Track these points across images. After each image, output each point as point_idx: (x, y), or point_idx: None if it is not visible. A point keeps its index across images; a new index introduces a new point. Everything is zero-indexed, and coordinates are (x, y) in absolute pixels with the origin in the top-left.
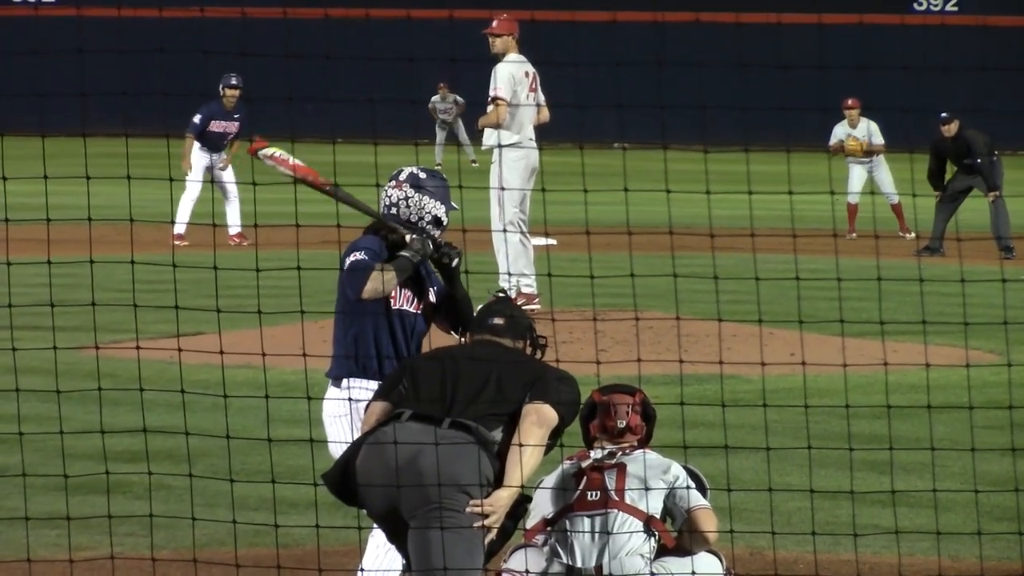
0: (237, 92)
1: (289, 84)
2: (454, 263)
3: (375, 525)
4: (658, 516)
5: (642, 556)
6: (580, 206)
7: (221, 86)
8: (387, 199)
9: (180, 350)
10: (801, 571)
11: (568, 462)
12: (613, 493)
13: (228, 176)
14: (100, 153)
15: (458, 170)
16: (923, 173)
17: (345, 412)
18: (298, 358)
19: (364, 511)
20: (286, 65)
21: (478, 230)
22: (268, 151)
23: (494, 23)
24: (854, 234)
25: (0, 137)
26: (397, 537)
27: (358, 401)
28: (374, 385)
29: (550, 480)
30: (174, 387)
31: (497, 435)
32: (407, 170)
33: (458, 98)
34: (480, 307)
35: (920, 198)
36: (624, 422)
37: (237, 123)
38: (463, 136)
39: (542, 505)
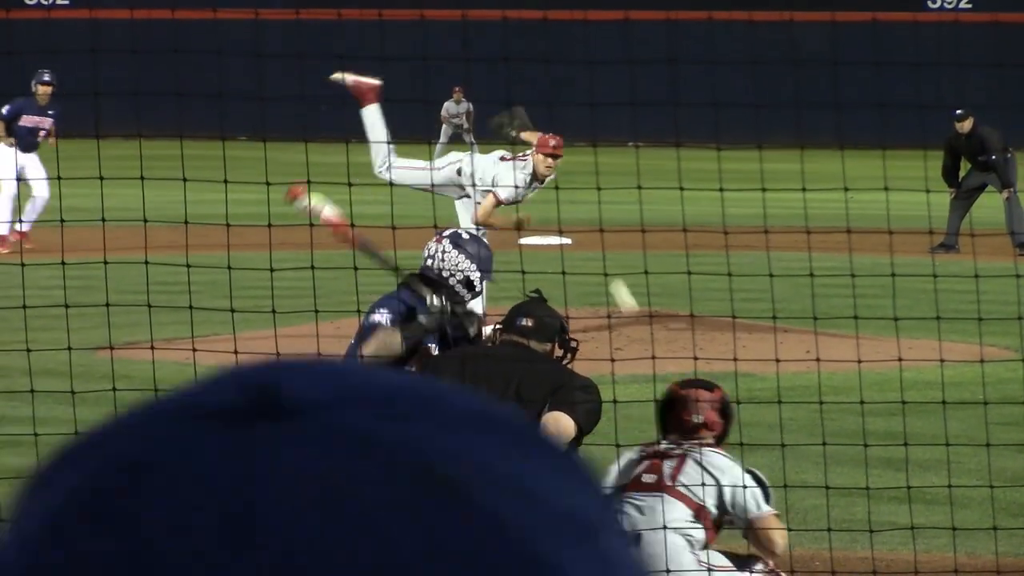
0: (49, 88)
1: (302, 84)
2: (470, 334)
3: None
4: (711, 511)
5: (687, 540)
6: (594, 205)
7: (33, 82)
8: (427, 251)
9: (195, 351)
10: (817, 568)
11: (636, 449)
12: (667, 479)
13: (36, 172)
14: (114, 155)
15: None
16: (937, 170)
17: None
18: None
19: None
20: (300, 65)
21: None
22: (303, 203)
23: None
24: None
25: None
26: None
27: None
28: None
29: (613, 467)
30: None
31: None
32: (453, 229)
33: (470, 106)
34: (512, 307)
35: (934, 194)
36: (700, 417)
37: (51, 119)
38: (468, 138)
39: None
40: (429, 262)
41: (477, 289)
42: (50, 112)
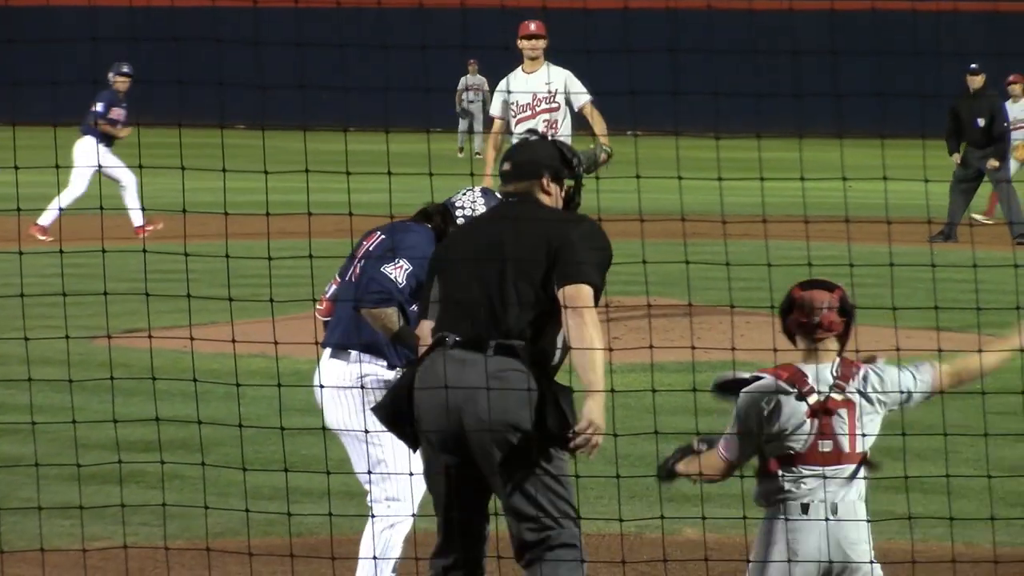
0: (129, 80)
1: (302, 73)
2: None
3: (372, 514)
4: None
5: (859, 491)
6: (592, 193)
7: (112, 74)
8: (464, 189)
9: (193, 339)
10: None
11: (776, 380)
12: (844, 441)
13: (114, 160)
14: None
15: (470, 160)
16: (936, 159)
17: (352, 385)
18: (311, 347)
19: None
20: (299, 53)
21: None
22: None
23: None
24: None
25: (13, 127)
26: (452, 478)
27: (366, 376)
28: (381, 363)
29: (751, 395)
30: (187, 376)
31: (551, 332)
32: (490, 189)
33: (485, 82)
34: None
35: (932, 184)
36: (817, 319)
37: (124, 111)
38: (478, 125)
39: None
40: (455, 195)
41: None
42: (124, 104)
